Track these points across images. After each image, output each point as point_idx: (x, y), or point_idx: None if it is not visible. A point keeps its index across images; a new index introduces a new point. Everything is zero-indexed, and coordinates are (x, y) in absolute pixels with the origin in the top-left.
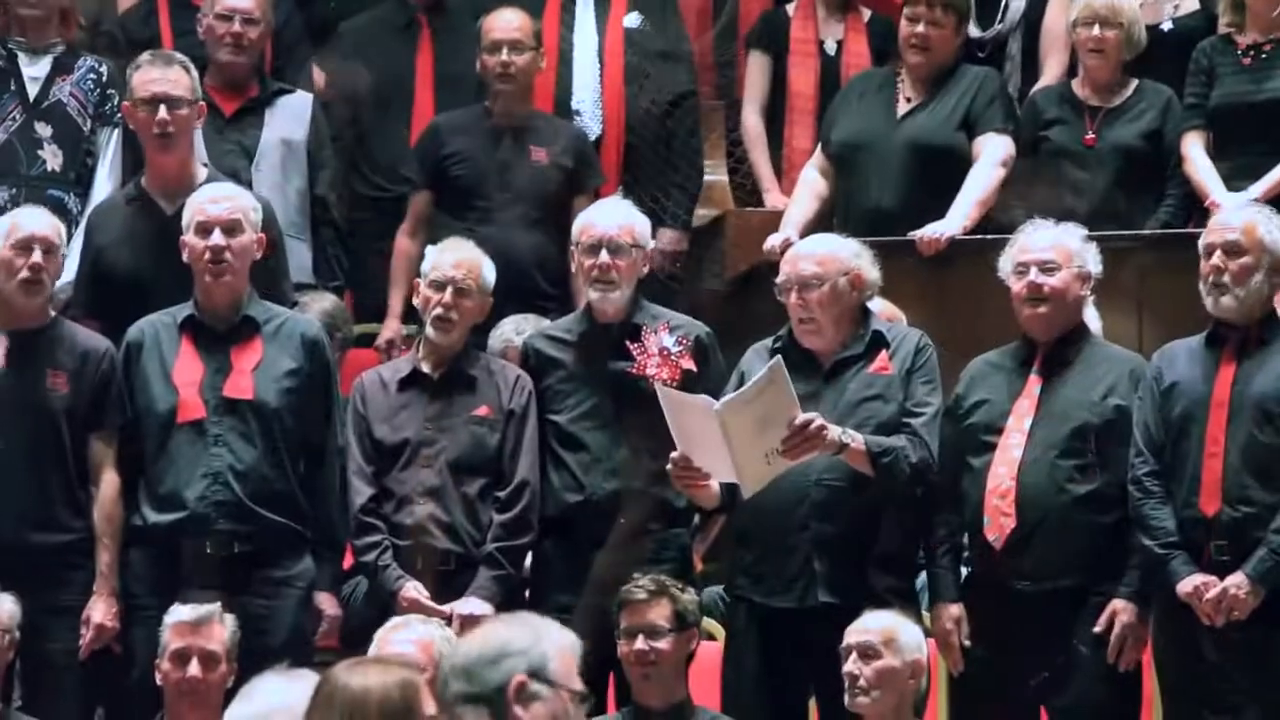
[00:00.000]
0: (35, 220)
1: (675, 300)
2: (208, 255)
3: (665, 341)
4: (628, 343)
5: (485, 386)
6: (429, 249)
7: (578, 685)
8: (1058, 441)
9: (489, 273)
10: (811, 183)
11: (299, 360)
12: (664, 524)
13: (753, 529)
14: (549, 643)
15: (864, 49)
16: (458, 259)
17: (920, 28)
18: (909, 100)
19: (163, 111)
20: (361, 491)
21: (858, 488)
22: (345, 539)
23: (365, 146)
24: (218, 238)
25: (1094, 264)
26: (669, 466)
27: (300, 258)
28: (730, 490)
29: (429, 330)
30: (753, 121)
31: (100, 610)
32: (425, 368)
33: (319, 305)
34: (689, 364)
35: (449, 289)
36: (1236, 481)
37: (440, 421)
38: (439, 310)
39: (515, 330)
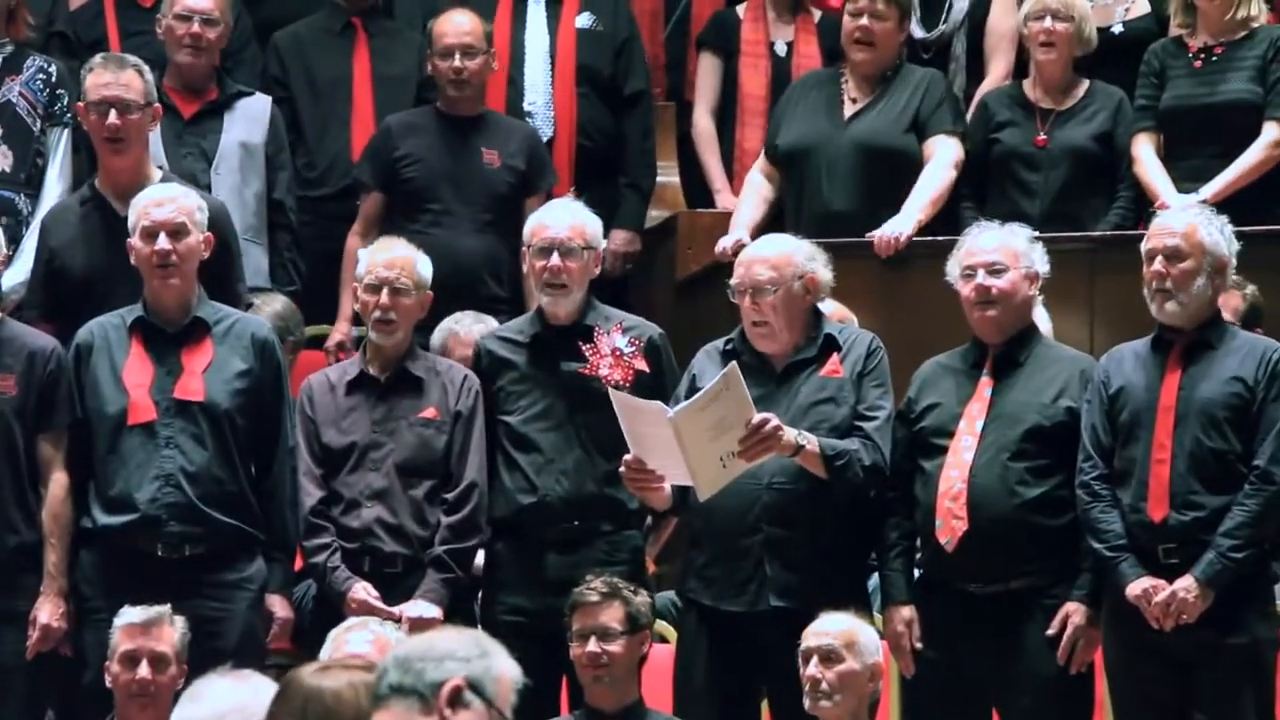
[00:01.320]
0: None
1: (629, 300)
2: (154, 259)
3: (618, 342)
4: (580, 343)
5: (432, 388)
6: (361, 253)
7: (508, 714)
8: (1009, 444)
9: (424, 269)
10: (758, 186)
11: (249, 361)
12: (616, 526)
13: (705, 531)
14: (494, 664)
15: (814, 50)
16: (390, 258)
17: (864, 21)
18: (854, 101)
19: (113, 116)
20: (311, 493)
21: (809, 491)
22: (297, 541)
23: (306, 149)
24: (163, 241)
25: (1041, 264)
26: (621, 469)
27: (256, 261)
28: (682, 492)
29: (371, 334)
30: (704, 123)
31: (47, 611)
32: (372, 370)
33: (270, 307)
34: (642, 365)
35: (385, 290)
36: (1184, 487)
37: (387, 424)
38: (378, 313)
39: (454, 322)
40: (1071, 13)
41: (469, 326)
